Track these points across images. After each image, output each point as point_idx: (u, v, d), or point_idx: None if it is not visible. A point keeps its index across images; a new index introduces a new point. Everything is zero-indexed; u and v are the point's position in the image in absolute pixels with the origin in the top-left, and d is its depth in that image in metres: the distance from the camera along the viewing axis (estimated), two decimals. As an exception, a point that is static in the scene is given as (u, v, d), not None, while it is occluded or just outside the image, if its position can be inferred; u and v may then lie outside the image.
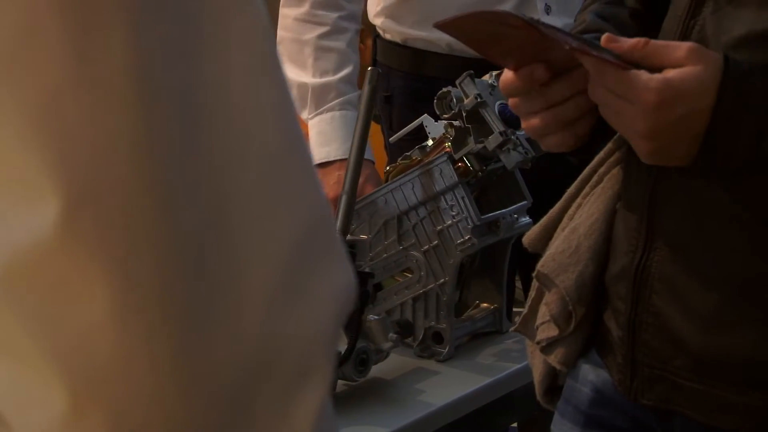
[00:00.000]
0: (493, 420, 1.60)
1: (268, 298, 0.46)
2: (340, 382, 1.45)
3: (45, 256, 0.43)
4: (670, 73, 1.01)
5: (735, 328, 1.10)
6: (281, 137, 0.49)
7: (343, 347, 1.40)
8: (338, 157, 1.96)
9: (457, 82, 1.56)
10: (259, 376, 0.46)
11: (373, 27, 2.18)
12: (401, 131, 1.75)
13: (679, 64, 1.01)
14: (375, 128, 2.44)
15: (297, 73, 2.06)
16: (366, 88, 1.51)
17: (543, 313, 1.25)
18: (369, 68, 1.52)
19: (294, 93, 2.06)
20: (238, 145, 0.47)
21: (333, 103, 2.03)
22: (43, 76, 0.43)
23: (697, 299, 1.11)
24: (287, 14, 2.07)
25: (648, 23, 1.19)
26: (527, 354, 1.37)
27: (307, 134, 2.49)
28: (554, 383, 1.33)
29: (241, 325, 0.46)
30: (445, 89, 1.56)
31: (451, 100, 1.55)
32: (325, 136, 2.03)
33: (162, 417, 0.44)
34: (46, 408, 0.44)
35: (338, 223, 1.47)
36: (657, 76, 1.00)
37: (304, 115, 2.06)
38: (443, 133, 1.61)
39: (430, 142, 1.65)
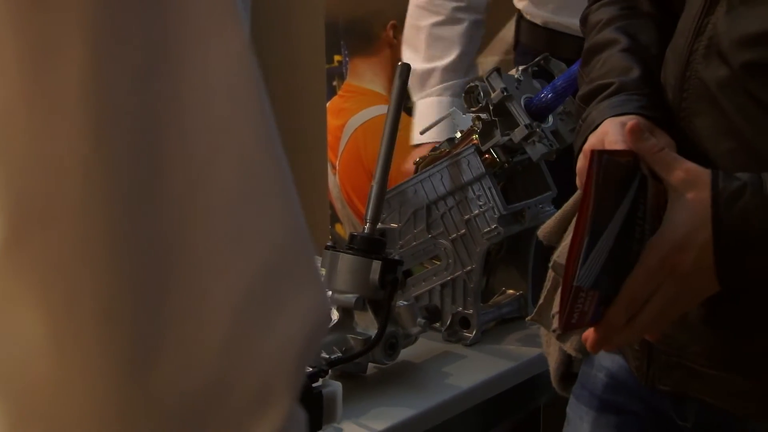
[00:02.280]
0: (519, 402, 1.60)
1: (225, 328, 0.44)
2: (370, 365, 1.45)
3: None
4: (660, 234, 1.04)
5: (747, 316, 1.09)
6: (255, 160, 0.46)
7: (373, 332, 1.41)
8: (428, 141, 1.98)
9: (484, 76, 1.56)
10: (209, 405, 0.44)
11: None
12: (431, 124, 1.76)
13: (675, 187, 1.04)
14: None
15: (411, 57, 2.10)
16: (396, 82, 1.51)
17: (558, 302, 1.25)
18: (399, 63, 1.53)
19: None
20: (202, 173, 0.44)
21: (434, 88, 2.06)
22: None
23: None
24: (411, 1, 2.11)
25: (667, 25, 1.18)
26: (542, 342, 1.38)
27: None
28: (569, 370, 1.34)
29: (193, 356, 0.43)
30: (472, 83, 1.56)
31: (479, 93, 1.55)
32: (424, 118, 2.07)
33: None
34: None
35: (369, 213, 1.47)
36: (651, 253, 1.04)
37: (414, 96, 2.09)
38: (471, 126, 1.61)
39: (458, 135, 1.65)
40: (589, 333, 1.07)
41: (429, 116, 2.03)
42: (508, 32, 2.48)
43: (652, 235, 1.05)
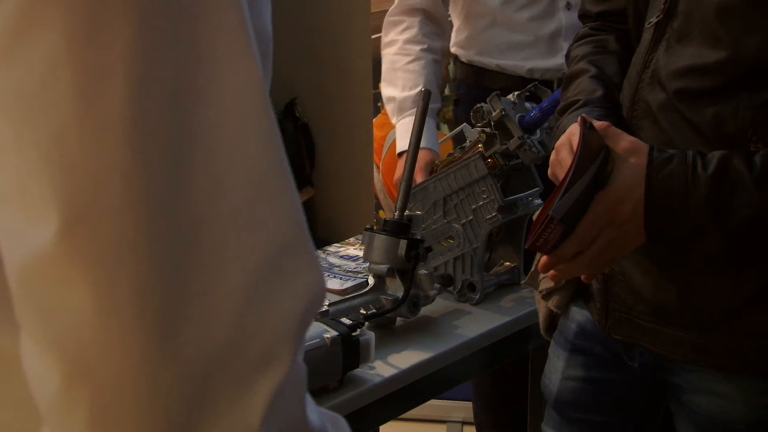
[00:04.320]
0: (512, 347, 1.61)
1: (238, 302, 0.43)
2: (398, 319, 1.47)
3: (46, 262, 0.41)
4: (606, 189, 1.03)
5: (674, 286, 1.11)
6: (264, 172, 0.45)
7: (400, 294, 1.42)
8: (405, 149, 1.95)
9: (487, 99, 1.57)
10: (225, 364, 0.43)
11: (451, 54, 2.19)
12: (447, 135, 1.77)
13: (620, 155, 1.04)
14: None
15: (390, 91, 2.09)
16: (419, 104, 1.53)
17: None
18: (422, 89, 1.54)
19: (389, 105, 2.09)
20: (221, 180, 0.43)
21: (412, 110, 2.05)
22: (55, 116, 0.40)
23: (650, 264, 1.11)
24: (386, 53, 2.10)
25: (627, 60, 1.19)
26: (535, 300, 1.39)
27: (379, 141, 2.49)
28: (553, 322, 1.36)
29: (212, 324, 0.42)
30: (478, 105, 1.58)
31: (483, 112, 1.57)
32: (405, 133, 2.05)
33: (136, 392, 0.42)
34: (47, 381, 0.42)
35: (398, 203, 1.48)
36: (599, 203, 1.03)
37: (394, 120, 2.09)
38: (477, 137, 1.62)
39: (467, 144, 1.65)
40: (544, 258, 1.10)
41: (407, 131, 2.01)
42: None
43: None
